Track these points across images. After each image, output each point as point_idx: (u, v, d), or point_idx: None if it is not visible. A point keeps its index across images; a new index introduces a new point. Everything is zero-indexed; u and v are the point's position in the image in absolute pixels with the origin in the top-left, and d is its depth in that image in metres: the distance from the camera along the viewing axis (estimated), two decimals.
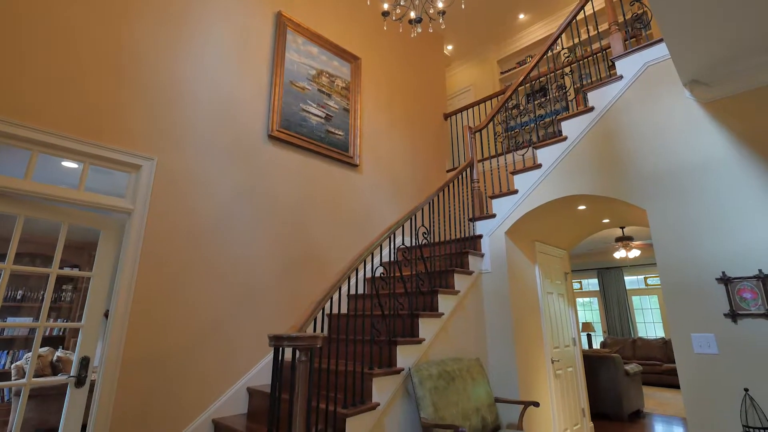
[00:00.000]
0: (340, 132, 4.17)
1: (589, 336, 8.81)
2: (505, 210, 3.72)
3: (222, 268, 3.03)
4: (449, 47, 6.84)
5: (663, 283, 2.79)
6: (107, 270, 2.60)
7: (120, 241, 2.68)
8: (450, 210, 4.19)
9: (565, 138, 3.48)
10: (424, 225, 3.36)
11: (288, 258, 3.47)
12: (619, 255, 6.99)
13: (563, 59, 4.51)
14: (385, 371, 2.53)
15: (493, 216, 3.78)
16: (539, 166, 3.59)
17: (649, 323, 9.17)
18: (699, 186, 2.75)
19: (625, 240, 6.75)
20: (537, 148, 3.66)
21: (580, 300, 10.45)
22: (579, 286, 10.51)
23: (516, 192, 3.70)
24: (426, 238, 3.28)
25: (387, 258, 3.59)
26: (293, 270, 3.48)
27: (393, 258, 2.80)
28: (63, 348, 5.94)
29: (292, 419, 1.64)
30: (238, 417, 2.82)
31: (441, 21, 3.22)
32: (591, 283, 10.29)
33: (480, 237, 3.80)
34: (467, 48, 6.86)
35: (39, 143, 2.35)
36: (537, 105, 5.67)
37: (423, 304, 3.19)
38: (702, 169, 2.76)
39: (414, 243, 3.17)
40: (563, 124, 3.54)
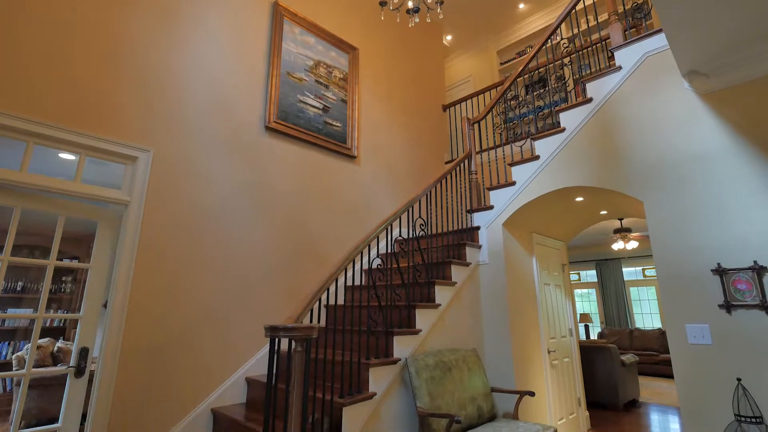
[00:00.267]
0: (337, 123, 4.16)
1: (587, 327, 8.87)
2: (503, 201, 3.72)
3: (220, 259, 3.04)
4: (448, 37, 6.78)
5: (659, 275, 2.81)
6: (105, 261, 2.61)
7: (117, 233, 2.68)
8: (448, 201, 4.19)
9: (563, 129, 3.47)
10: (421, 217, 3.36)
11: (286, 249, 3.48)
12: (618, 246, 7.01)
13: (562, 50, 4.48)
14: (382, 361, 2.55)
15: (491, 208, 3.79)
16: (537, 157, 3.59)
17: (647, 314, 9.23)
18: (696, 178, 2.75)
19: (624, 231, 6.76)
20: (535, 139, 3.65)
21: (578, 291, 10.51)
22: (577, 277, 10.55)
23: (514, 183, 3.70)
24: (423, 229, 3.28)
25: (385, 250, 3.61)
26: (291, 261, 3.49)
27: (391, 250, 2.81)
28: (64, 339, 5.99)
29: (288, 409, 1.66)
30: (236, 406, 2.85)
31: (439, 11, 3.19)
32: (589, 275, 10.33)
33: (478, 228, 3.81)
34: (466, 38, 6.80)
35: (35, 135, 2.34)
36: (536, 96, 5.65)
37: (420, 295, 3.21)
38: (699, 161, 2.76)
39: (412, 234, 3.18)
40: (561, 115, 3.53)
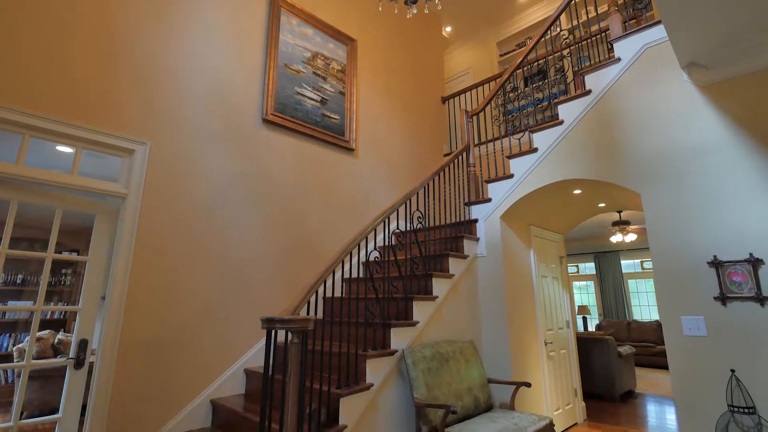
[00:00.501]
0: (335, 116, 4.14)
1: (585, 319, 8.92)
2: (501, 194, 3.72)
3: (218, 252, 3.05)
4: (447, 29, 6.73)
5: (655, 267, 2.82)
6: (103, 254, 2.62)
7: (115, 226, 2.69)
8: (446, 194, 4.20)
9: (562, 122, 3.46)
10: (419, 210, 3.37)
11: (284, 242, 3.49)
12: (616, 239, 7.02)
13: (562, 41, 4.45)
14: (379, 353, 2.57)
15: (489, 200, 3.79)
16: (535, 150, 3.58)
17: (644, 306, 9.28)
18: (693, 170, 2.75)
19: (622, 224, 6.76)
20: (533, 131, 3.64)
21: (577, 284, 10.55)
22: (576, 269, 10.59)
23: (512, 176, 3.70)
24: (421, 222, 3.29)
25: (383, 243, 3.62)
26: (289, 254, 3.50)
27: (388, 242, 2.81)
28: (64, 331, 6.02)
29: (285, 399, 1.68)
30: (235, 397, 2.88)
31: (437, 2, 3.16)
32: (588, 267, 10.36)
33: (475, 221, 3.81)
34: (466, 29, 6.75)
35: (30, 127, 2.33)
36: (535, 88, 5.62)
37: (417, 287, 3.23)
38: (697, 154, 2.75)
39: (409, 227, 3.18)
40: (560, 107, 3.52)
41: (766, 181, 2.48)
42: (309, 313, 2.11)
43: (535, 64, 5.59)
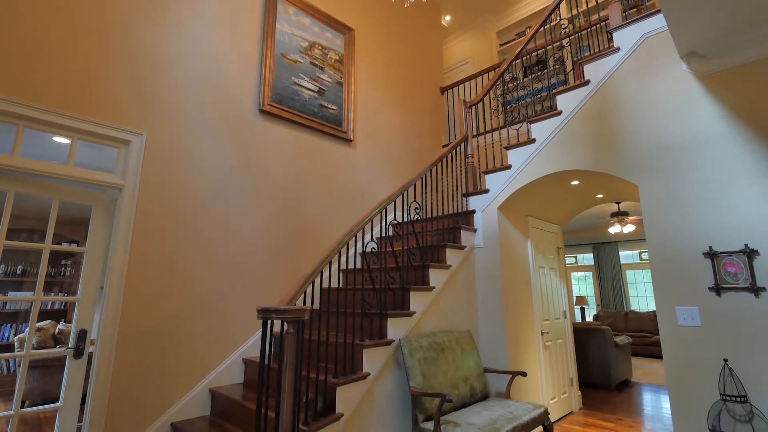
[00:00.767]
0: (333, 106, 4.12)
1: (583, 309, 8.98)
2: (499, 185, 3.72)
3: (216, 243, 3.06)
4: (447, 18, 6.66)
5: (651, 258, 2.83)
6: (101, 245, 2.63)
7: (112, 217, 2.69)
8: (444, 185, 4.19)
9: (560, 112, 3.44)
10: (416, 201, 3.37)
11: (282, 233, 3.49)
12: (614, 230, 7.03)
13: (561, 31, 4.40)
14: (376, 342, 2.60)
15: (487, 191, 3.79)
16: (533, 141, 3.57)
17: (642, 297, 9.33)
18: (690, 161, 2.75)
19: (621, 215, 6.77)
20: (531, 122, 3.63)
21: (575, 274, 10.59)
22: (574, 260, 10.62)
23: (509, 167, 3.69)
24: (418, 213, 3.29)
25: (381, 233, 3.62)
26: (287, 245, 3.51)
27: (386, 233, 2.82)
28: (65, 321, 6.06)
29: (281, 388, 1.70)
30: (234, 386, 2.91)
31: None
32: (586, 258, 10.39)
33: (473, 212, 3.82)
34: (465, 19, 6.67)
35: (25, 118, 2.33)
36: (534, 78, 5.58)
37: (415, 278, 3.24)
38: (694, 144, 2.75)
39: (407, 218, 3.19)
40: (558, 98, 3.50)
41: (762, 172, 2.48)
42: (305, 304, 2.13)
43: (534, 54, 5.54)
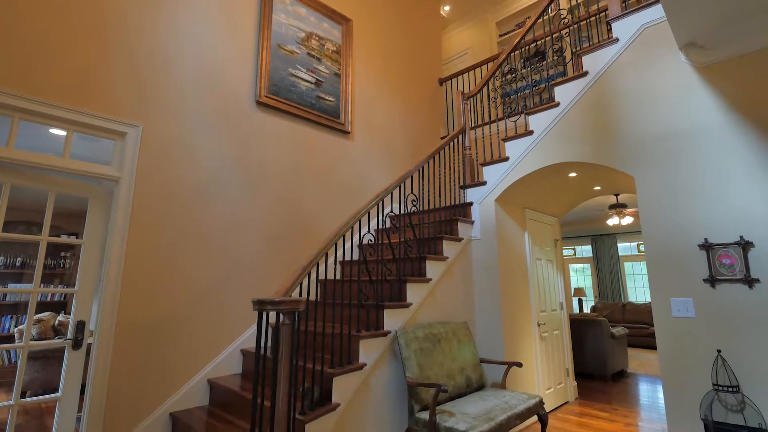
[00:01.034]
0: (330, 98, 4.10)
1: (581, 301, 9.02)
2: (496, 177, 3.72)
3: (213, 235, 3.07)
4: (446, 8, 6.60)
5: (647, 250, 2.84)
6: (98, 238, 2.63)
7: (109, 209, 2.69)
8: (441, 177, 4.19)
9: (558, 104, 3.43)
10: (413, 193, 3.37)
11: (279, 225, 3.50)
12: (612, 222, 7.04)
13: (560, 21, 4.37)
14: (372, 333, 2.62)
15: (484, 183, 3.79)
16: (531, 132, 3.56)
17: (640, 288, 9.38)
18: (687, 153, 2.74)
19: (619, 207, 6.77)
20: (529, 114, 3.62)
21: (573, 266, 10.63)
22: (573, 252, 10.65)
23: (507, 159, 3.68)
24: (415, 205, 3.29)
25: (380, 225, 3.63)
26: (285, 236, 3.52)
27: (383, 225, 2.83)
28: (65, 313, 6.09)
29: (276, 379, 1.72)
30: (232, 377, 2.94)
31: None
32: (585, 250, 10.42)
33: (470, 204, 3.82)
34: (465, 9, 6.61)
35: (20, 110, 2.32)
36: (532, 70, 5.54)
37: (412, 270, 3.26)
38: (691, 136, 2.74)
39: (405, 210, 3.19)
40: (556, 89, 3.48)
41: (758, 164, 2.48)
42: (301, 295, 2.14)
43: (533, 45, 5.50)
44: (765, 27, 2.50)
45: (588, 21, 3.89)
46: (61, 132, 3.12)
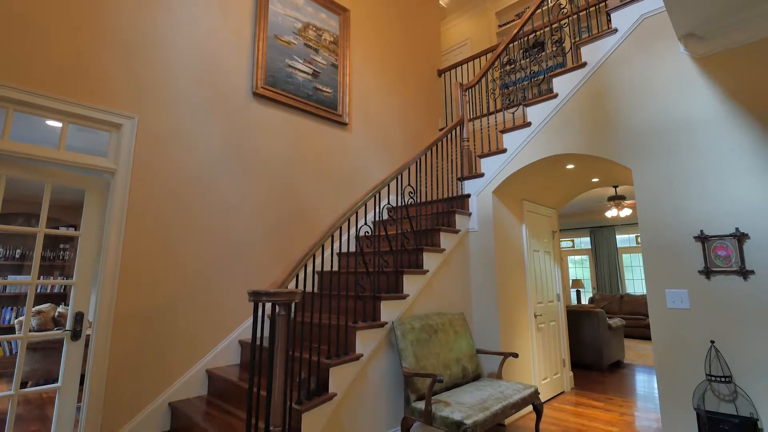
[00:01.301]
0: (328, 89, 4.08)
1: (579, 292, 9.07)
2: (494, 169, 3.71)
3: (210, 227, 3.07)
4: None
5: (643, 241, 2.85)
6: (95, 229, 2.64)
7: (106, 201, 2.70)
8: (439, 169, 4.18)
9: (556, 95, 3.41)
10: (410, 185, 3.37)
11: (277, 216, 3.50)
12: (611, 214, 7.04)
13: (559, 11, 4.32)
14: (369, 325, 2.64)
15: (482, 175, 3.78)
16: (529, 124, 3.55)
17: (638, 280, 9.42)
18: (684, 145, 2.74)
19: (618, 199, 6.78)
20: (527, 105, 3.60)
21: (572, 258, 10.66)
22: (571, 244, 10.67)
23: (505, 151, 3.68)
24: (412, 197, 3.30)
25: (377, 217, 3.64)
26: (282, 228, 3.53)
27: (380, 217, 2.84)
28: (65, 304, 6.12)
29: (272, 369, 1.74)
30: (231, 367, 2.97)
31: None
32: (584, 242, 10.45)
33: (468, 196, 3.82)
34: None
35: (14, 101, 2.31)
36: (531, 61, 5.50)
37: (409, 261, 3.27)
38: (689, 128, 2.73)
39: (402, 202, 3.19)
40: (555, 80, 3.46)
41: (756, 156, 2.47)
42: (298, 287, 2.16)
43: (532, 35, 5.45)
44: (764, 17, 2.48)
45: (587, 11, 3.85)
46: (57, 124, 3.11)
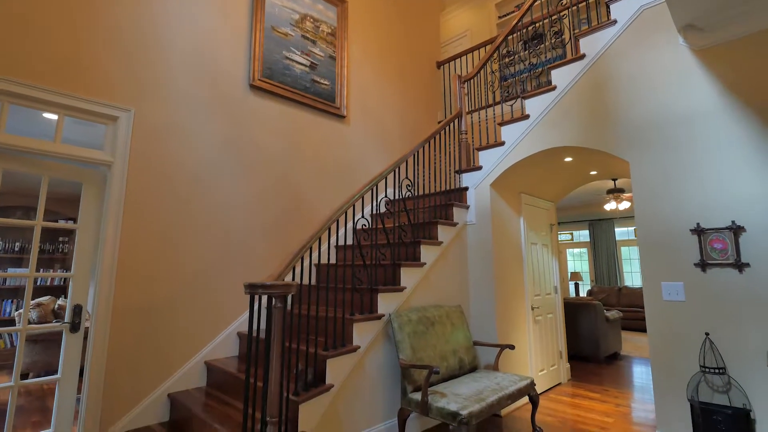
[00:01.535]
0: (326, 81, 4.05)
1: (577, 285, 9.10)
2: (492, 162, 3.71)
3: (207, 219, 3.08)
4: None
5: (639, 234, 2.86)
6: (93, 222, 2.64)
7: (103, 194, 2.70)
8: (437, 162, 4.18)
9: (554, 87, 3.40)
10: (408, 178, 3.36)
11: (275, 209, 3.51)
12: (610, 207, 7.04)
13: (558, 3, 4.28)
14: (366, 317, 2.65)
15: (480, 168, 3.78)
16: (527, 116, 3.54)
17: (636, 273, 9.45)
18: (682, 137, 2.73)
19: (617, 192, 6.77)
20: (526, 98, 3.58)
21: (571, 251, 10.68)
22: (570, 237, 10.69)
23: (503, 144, 3.67)
24: (410, 190, 3.30)
25: (375, 210, 3.64)
26: (280, 221, 3.53)
27: (377, 210, 2.84)
28: (65, 297, 6.15)
29: (268, 360, 1.75)
30: (229, 359, 2.99)
31: None
32: (582, 235, 10.46)
33: (466, 189, 3.82)
34: None
35: (9, 94, 2.30)
36: (530, 53, 5.46)
37: (406, 254, 3.28)
38: (687, 121, 2.73)
39: (400, 195, 3.19)
40: (553, 72, 3.44)
41: (753, 148, 2.47)
42: (295, 279, 2.17)
43: (531, 27, 5.41)
44: (764, 8, 2.46)
45: (587, 2, 3.82)
46: (53, 116, 3.10)
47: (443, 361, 2.91)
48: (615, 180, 6.70)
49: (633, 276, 9.47)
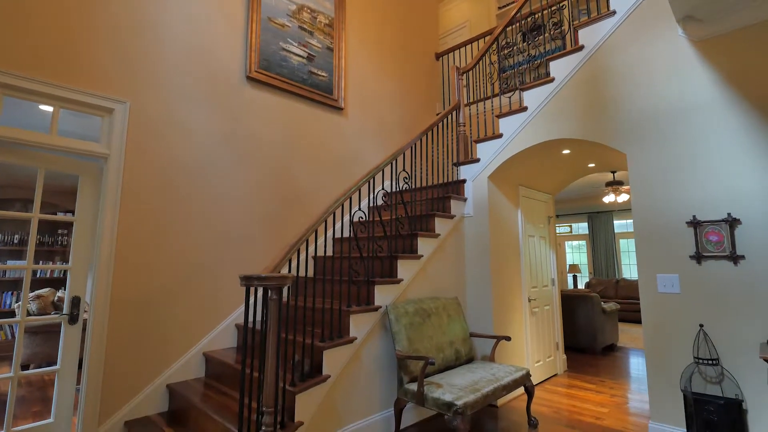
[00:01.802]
0: (323, 73, 4.03)
1: (575, 277, 9.13)
2: (490, 154, 3.70)
3: (205, 212, 3.08)
4: None
5: (635, 226, 2.86)
6: (90, 214, 2.65)
7: (100, 186, 2.70)
8: (435, 154, 4.17)
9: (553, 79, 3.38)
10: (405, 170, 3.36)
11: (272, 201, 3.51)
12: (608, 199, 7.04)
13: None
14: (363, 308, 2.67)
15: (477, 160, 3.77)
16: (525, 109, 3.52)
17: (634, 265, 9.48)
18: (679, 130, 2.73)
19: (615, 184, 6.76)
20: (524, 90, 3.57)
21: (569, 243, 10.70)
22: (569, 229, 10.71)
23: (501, 136, 3.66)
24: (407, 182, 3.30)
25: (373, 203, 3.64)
26: (278, 213, 3.54)
27: (375, 203, 2.84)
28: (65, 289, 6.17)
29: (264, 351, 1.77)
30: (227, 350, 3.02)
31: None
32: (581, 227, 10.48)
33: (463, 182, 3.82)
34: None
35: (4, 85, 2.28)
36: (529, 44, 5.42)
37: (403, 246, 3.29)
38: (685, 113, 2.72)
39: (397, 188, 3.19)
40: (551, 64, 3.42)
41: (750, 141, 2.47)
42: (291, 271, 2.18)
43: (530, 18, 5.36)
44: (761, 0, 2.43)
45: None
46: (48, 108, 3.09)
47: (439, 353, 2.93)
48: (614, 172, 6.68)
49: (631, 268, 9.50)
